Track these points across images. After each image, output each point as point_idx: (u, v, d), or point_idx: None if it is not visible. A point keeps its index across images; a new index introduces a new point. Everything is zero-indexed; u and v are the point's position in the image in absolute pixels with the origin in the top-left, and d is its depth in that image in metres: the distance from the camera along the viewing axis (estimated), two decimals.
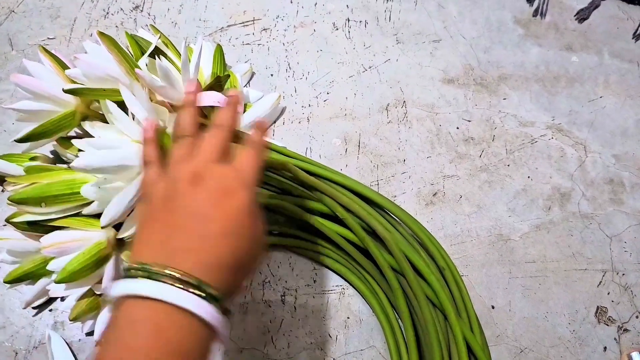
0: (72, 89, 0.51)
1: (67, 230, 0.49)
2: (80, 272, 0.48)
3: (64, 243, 0.48)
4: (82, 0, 0.75)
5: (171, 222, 0.34)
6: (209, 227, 0.33)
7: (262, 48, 0.72)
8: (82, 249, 0.48)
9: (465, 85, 0.69)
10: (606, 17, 0.75)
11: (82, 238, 0.48)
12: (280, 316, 0.56)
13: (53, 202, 0.49)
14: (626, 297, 0.57)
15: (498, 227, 0.60)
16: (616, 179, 0.63)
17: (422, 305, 0.51)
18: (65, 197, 0.48)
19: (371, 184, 0.63)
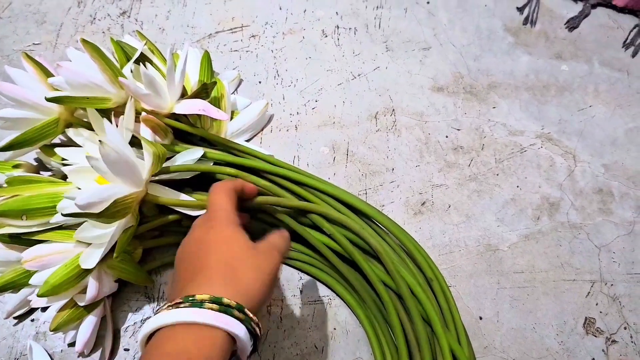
0: (55, 97, 0.50)
1: (48, 244, 0.48)
2: (62, 286, 0.47)
3: (46, 256, 0.47)
4: (68, 5, 0.75)
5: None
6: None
7: (251, 55, 0.71)
8: (64, 262, 0.48)
9: (454, 93, 0.69)
10: (596, 26, 0.75)
11: (64, 250, 0.48)
12: (266, 327, 0.55)
13: (34, 215, 0.48)
14: (614, 308, 0.56)
15: (487, 237, 0.60)
16: (605, 189, 0.63)
17: (416, 319, 0.50)
18: (46, 210, 0.48)
19: (359, 193, 0.62)
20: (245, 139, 0.64)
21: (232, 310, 0.35)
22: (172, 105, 0.55)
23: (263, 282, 0.38)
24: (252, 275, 0.38)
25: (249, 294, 0.37)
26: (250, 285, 0.37)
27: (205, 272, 0.38)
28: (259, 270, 0.39)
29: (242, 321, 0.35)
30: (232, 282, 0.37)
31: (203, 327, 0.34)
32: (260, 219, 0.57)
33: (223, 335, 0.34)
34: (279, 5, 0.76)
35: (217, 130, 0.61)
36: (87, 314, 0.51)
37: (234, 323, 0.34)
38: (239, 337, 0.34)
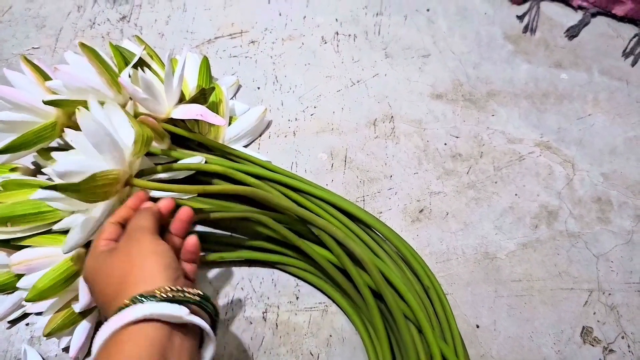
0: (52, 100, 0.50)
1: (35, 248, 0.48)
2: (50, 290, 0.47)
3: (33, 260, 0.47)
4: (68, 10, 0.75)
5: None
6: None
7: (250, 61, 0.71)
8: (52, 266, 0.47)
9: (453, 101, 0.69)
10: (596, 35, 0.75)
11: (51, 255, 0.48)
12: (262, 333, 0.55)
13: (19, 222, 0.48)
14: (612, 317, 0.56)
15: (484, 245, 0.60)
16: (604, 198, 0.63)
17: (401, 324, 0.50)
18: (31, 217, 0.48)
19: (357, 199, 0.62)
20: (243, 144, 0.64)
21: (128, 304, 0.37)
22: (170, 110, 0.55)
23: (144, 263, 0.41)
24: (137, 265, 0.41)
25: (146, 281, 0.39)
26: (140, 275, 0.40)
27: (122, 280, 0.40)
28: (139, 252, 0.41)
29: (144, 302, 0.37)
30: (127, 285, 0.39)
31: (110, 341, 0.36)
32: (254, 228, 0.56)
33: (133, 329, 0.36)
34: (278, 11, 0.76)
35: (215, 135, 0.60)
36: (81, 320, 0.51)
37: (128, 312, 0.36)
38: (147, 315, 0.36)
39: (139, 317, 0.36)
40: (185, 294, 0.39)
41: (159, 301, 0.37)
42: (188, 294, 0.39)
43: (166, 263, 0.41)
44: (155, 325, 0.36)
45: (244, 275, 0.58)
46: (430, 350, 0.50)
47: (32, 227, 0.49)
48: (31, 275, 0.47)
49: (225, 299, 0.56)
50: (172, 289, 0.38)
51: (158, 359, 0.35)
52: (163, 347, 0.36)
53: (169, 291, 0.38)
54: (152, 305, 0.36)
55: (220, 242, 0.58)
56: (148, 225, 0.44)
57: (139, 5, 0.76)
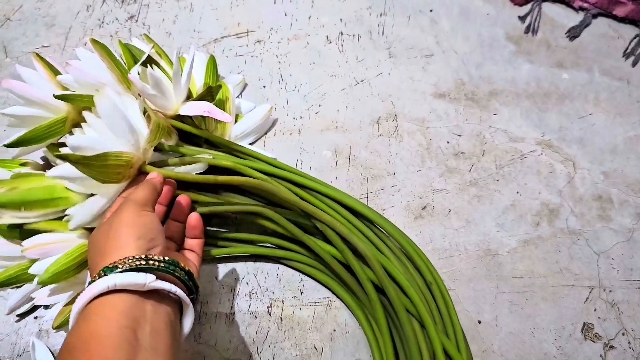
0: (63, 95, 0.51)
1: (50, 233, 0.49)
2: (62, 274, 0.48)
3: (46, 245, 0.48)
4: (77, 9, 0.76)
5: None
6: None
7: (255, 60, 0.72)
8: (65, 251, 0.48)
9: (456, 100, 0.70)
10: (597, 35, 0.76)
11: (64, 240, 0.49)
12: (266, 327, 0.56)
13: (32, 207, 0.49)
14: (613, 314, 0.57)
15: (486, 241, 0.60)
16: (605, 196, 0.63)
17: (403, 319, 0.51)
18: (44, 202, 0.49)
19: (360, 196, 0.63)
20: (248, 142, 0.65)
21: (94, 278, 0.37)
22: (178, 107, 0.56)
23: (117, 233, 0.41)
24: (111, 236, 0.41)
25: (118, 251, 0.40)
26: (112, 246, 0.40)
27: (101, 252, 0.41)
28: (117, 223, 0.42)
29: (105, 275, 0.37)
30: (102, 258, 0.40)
31: (80, 317, 0.36)
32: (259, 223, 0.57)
33: (100, 302, 0.37)
34: (284, 11, 0.77)
35: (222, 132, 0.61)
36: None
37: (93, 286, 0.37)
38: (111, 286, 0.36)
39: (103, 290, 0.36)
40: (148, 262, 0.39)
41: (122, 272, 0.37)
42: (152, 260, 0.40)
43: (140, 233, 0.41)
44: (122, 296, 0.37)
45: (249, 270, 0.59)
46: (433, 345, 0.51)
47: (45, 213, 0.50)
48: (44, 260, 0.48)
49: (231, 294, 0.57)
50: (136, 258, 0.39)
51: (128, 327, 0.35)
52: (133, 315, 0.36)
53: (133, 260, 0.39)
54: (114, 276, 0.37)
55: (225, 238, 0.59)
56: (139, 198, 0.44)
57: (147, 5, 0.77)
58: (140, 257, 0.39)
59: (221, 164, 0.55)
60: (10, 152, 0.56)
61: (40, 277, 0.47)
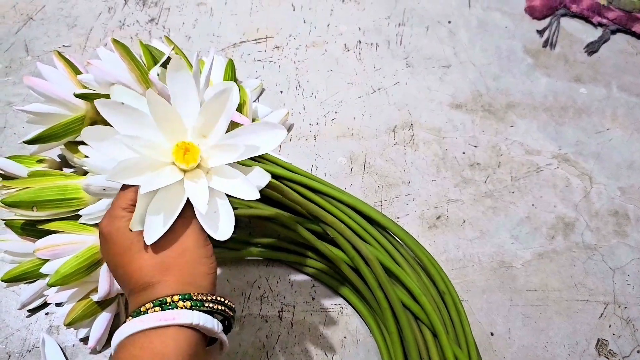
0: (83, 93, 0.51)
1: (62, 234, 0.49)
2: (73, 275, 0.48)
3: (58, 246, 0.48)
4: (99, 10, 0.77)
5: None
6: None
7: (273, 65, 0.73)
8: (76, 252, 0.48)
9: (473, 111, 0.70)
10: (615, 51, 0.76)
11: (76, 241, 0.49)
12: (277, 332, 0.55)
13: (44, 207, 0.49)
14: (628, 330, 0.56)
15: (500, 253, 0.60)
16: (621, 211, 0.63)
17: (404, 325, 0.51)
18: (56, 202, 0.49)
19: (375, 204, 0.63)
20: None
21: (173, 304, 0.36)
22: None
23: (197, 260, 0.38)
24: (188, 260, 0.38)
25: (194, 280, 0.38)
26: (189, 271, 0.38)
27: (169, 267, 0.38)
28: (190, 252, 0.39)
29: (191, 308, 0.36)
30: (174, 276, 0.38)
31: (152, 332, 0.35)
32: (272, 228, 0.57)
33: (175, 330, 0.35)
34: (303, 18, 0.78)
35: None
36: (101, 311, 0.52)
37: (179, 314, 0.35)
38: (195, 324, 0.35)
39: (187, 323, 0.35)
40: (225, 309, 0.38)
41: (204, 311, 0.36)
42: (227, 308, 0.38)
43: (213, 267, 0.40)
44: (195, 332, 0.36)
45: (261, 274, 0.59)
46: (445, 355, 0.51)
47: (57, 213, 0.50)
48: (55, 260, 0.48)
49: (242, 297, 0.57)
50: (218, 300, 0.38)
51: None
52: (197, 353, 0.36)
53: (215, 302, 0.37)
54: (199, 316, 0.36)
55: (238, 241, 0.59)
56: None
57: (168, 9, 0.78)
58: (220, 300, 0.38)
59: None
60: (28, 149, 0.56)
61: (50, 279, 0.47)
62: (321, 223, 0.55)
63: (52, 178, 0.52)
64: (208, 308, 0.37)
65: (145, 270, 0.38)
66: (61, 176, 0.52)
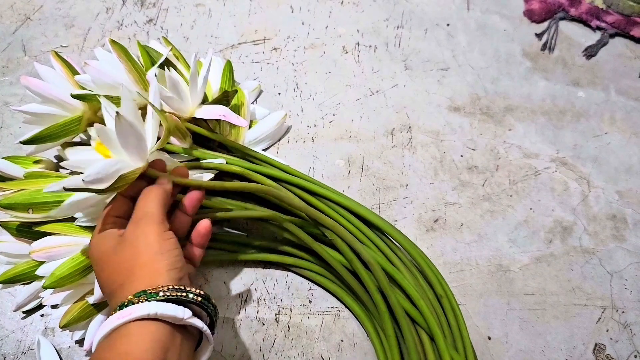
0: (80, 94, 0.51)
1: (58, 236, 0.49)
2: (68, 278, 0.47)
3: (53, 248, 0.48)
4: (97, 11, 0.76)
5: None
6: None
7: (272, 67, 0.73)
8: (71, 254, 0.48)
9: (471, 114, 0.70)
10: (614, 55, 0.76)
11: (72, 243, 0.48)
12: (274, 335, 0.55)
13: (40, 209, 0.49)
14: (625, 335, 0.56)
15: (498, 257, 0.60)
16: (619, 215, 0.63)
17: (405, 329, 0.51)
18: (52, 204, 0.49)
19: (372, 207, 0.62)
20: (262, 148, 0.65)
21: (129, 303, 0.37)
22: (193, 110, 0.56)
23: (151, 259, 0.40)
24: (143, 261, 0.40)
25: (152, 279, 0.39)
26: (145, 271, 0.40)
27: (128, 273, 0.40)
28: (145, 247, 0.41)
29: (146, 301, 0.37)
30: (131, 280, 0.40)
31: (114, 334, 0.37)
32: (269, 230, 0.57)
33: (136, 326, 0.36)
34: (301, 20, 0.77)
35: (236, 137, 0.61)
36: (97, 313, 0.52)
37: (134, 309, 0.36)
38: (152, 314, 0.36)
39: (144, 315, 0.36)
40: (188, 294, 0.39)
41: (162, 300, 0.37)
42: (191, 294, 0.40)
43: (171, 262, 0.41)
44: (159, 324, 0.37)
45: (258, 277, 0.58)
46: (442, 359, 0.50)
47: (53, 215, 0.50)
48: (51, 262, 0.48)
49: (239, 300, 0.57)
50: (176, 288, 0.39)
51: (160, 357, 0.35)
52: (165, 345, 0.36)
53: (173, 290, 0.39)
54: (156, 305, 0.37)
55: (235, 243, 0.59)
56: (155, 212, 0.43)
57: (166, 9, 0.78)
58: (179, 287, 0.39)
59: (231, 170, 0.55)
60: (25, 149, 0.56)
61: (46, 282, 0.47)
62: (320, 226, 0.55)
63: (48, 179, 0.52)
64: (165, 297, 0.38)
65: (109, 280, 0.41)
66: (57, 177, 0.52)
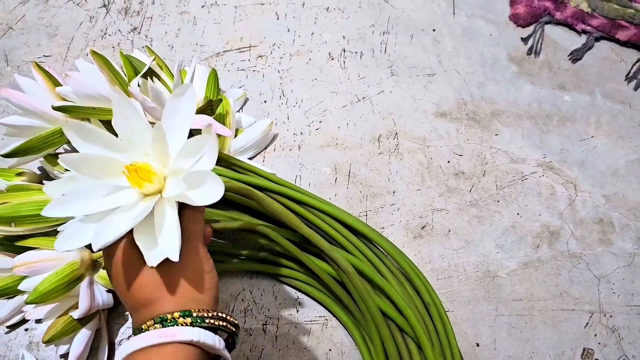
0: (61, 106, 0.51)
1: (40, 250, 0.48)
2: (51, 293, 0.47)
3: (36, 262, 0.47)
4: (80, 20, 0.76)
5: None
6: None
7: (257, 74, 0.72)
8: (55, 269, 0.47)
9: (457, 119, 0.70)
10: (599, 59, 0.76)
11: (55, 258, 0.48)
12: (261, 345, 0.55)
13: (23, 223, 0.48)
14: (613, 339, 0.56)
15: (486, 263, 0.60)
16: (606, 219, 0.63)
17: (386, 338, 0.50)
18: (34, 218, 0.48)
19: (360, 214, 0.62)
20: (248, 156, 0.65)
21: (174, 321, 0.36)
22: None
23: (197, 275, 0.39)
24: (188, 276, 0.38)
25: (195, 296, 0.38)
26: (189, 287, 0.38)
27: (168, 285, 0.38)
28: (191, 268, 0.39)
29: (191, 324, 0.36)
30: (174, 293, 0.38)
31: (152, 349, 0.35)
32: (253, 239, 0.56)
33: (175, 348, 0.35)
34: (287, 27, 0.77)
35: (221, 146, 0.61)
36: (80, 328, 0.51)
37: (179, 331, 0.35)
38: (195, 340, 0.35)
39: (187, 340, 0.35)
40: (227, 325, 0.38)
41: (205, 327, 0.36)
42: (229, 324, 0.38)
43: (214, 281, 0.39)
44: (196, 350, 0.36)
45: (245, 287, 0.58)
46: None
47: (35, 228, 0.49)
48: (33, 277, 0.47)
49: (226, 310, 0.56)
50: (219, 317, 0.38)
51: None
52: None
53: (216, 318, 0.37)
54: (200, 332, 0.36)
55: (222, 252, 0.58)
56: (202, 232, 0.41)
57: (150, 18, 0.77)
58: (222, 316, 0.38)
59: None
60: (8, 162, 0.56)
61: (28, 297, 0.46)
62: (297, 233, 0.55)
63: (31, 193, 0.51)
64: (209, 324, 0.37)
65: (145, 287, 0.37)
66: (39, 190, 0.51)
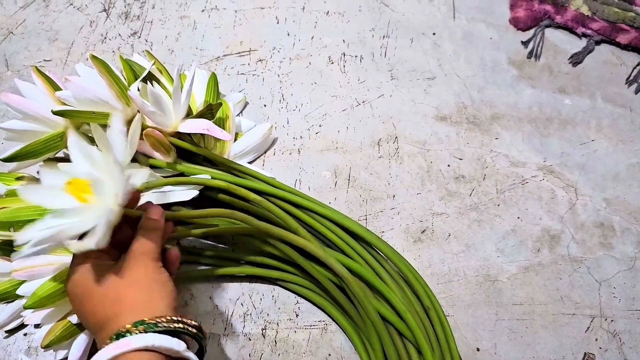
0: (61, 110, 0.51)
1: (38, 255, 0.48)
2: (50, 298, 0.47)
3: (35, 267, 0.47)
4: (81, 24, 0.76)
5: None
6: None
7: (257, 78, 0.72)
8: (53, 274, 0.47)
9: (457, 123, 0.69)
10: (600, 62, 0.76)
11: (53, 262, 0.48)
12: (260, 350, 0.55)
13: (22, 227, 0.48)
14: (614, 344, 0.55)
15: (486, 267, 0.60)
16: (606, 223, 0.63)
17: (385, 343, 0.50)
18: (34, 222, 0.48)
19: (359, 218, 0.62)
20: (248, 160, 0.65)
21: (128, 332, 0.37)
22: (177, 124, 0.56)
23: (149, 288, 0.40)
24: (140, 290, 0.40)
25: (149, 306, 0.39)
26: (141, 299, 0.40)
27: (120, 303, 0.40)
28: (141, 282, 0.41)
29: (145, 331, 0.37)
30: (127, 307, 0.39)
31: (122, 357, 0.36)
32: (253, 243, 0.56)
33: (135, 356, 0.36)
34: (287, 31, 0.77)
35: (221, 150, 0.61)
36: (79, 332, 0.51)
37: (132, 340, 0.36)
38: (150, 346, 0.36)
39: (142, 347, 0.36)
40: (185, 326, 0.39)
41: (160, 332, 0.37)
42: (188, 326, 0.40)
43: (168, 291, 0.41)
44: (157, 356, 0.37)
45: (244, 291, 0.58)
46: None
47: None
48: (32, 282, 0.47)
49: (225, 314, 0.56)
50: (174, 319, 0.39)
51: None
52: None
53: (171, 321, 0.38)
54: (154, 337, 0.37)
55: (221, 257, 0.58)
56: (154, 251, 0.43)
57: (150, 22, 0.77)
58: (177, 319, 0.39)
59: (215, 185, 0.54)
60: (7, 166, 0.56)
61: (27, 302, 0.46)
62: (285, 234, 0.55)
63: None
64: (164, 328, 0.38)
65: (98, 309, 0.40)
66: None
